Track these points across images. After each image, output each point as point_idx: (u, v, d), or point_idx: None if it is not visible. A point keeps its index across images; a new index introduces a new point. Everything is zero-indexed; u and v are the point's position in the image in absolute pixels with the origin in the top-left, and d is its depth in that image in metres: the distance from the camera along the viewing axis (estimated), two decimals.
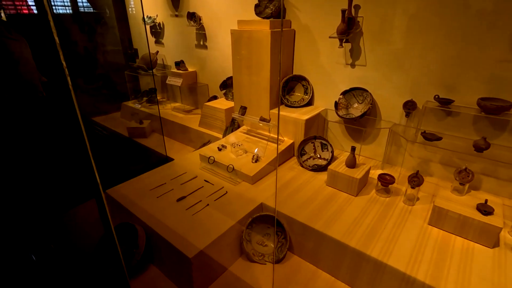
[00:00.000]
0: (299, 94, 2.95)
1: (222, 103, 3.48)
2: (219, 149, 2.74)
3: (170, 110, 4.28)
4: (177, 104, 4.51)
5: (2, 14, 3.99)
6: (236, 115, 2.85)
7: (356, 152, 2.70)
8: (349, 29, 2.34)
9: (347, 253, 1.74)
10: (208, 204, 2.12)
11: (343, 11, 2.26)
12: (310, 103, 2.93)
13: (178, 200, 2.18)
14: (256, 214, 2.05)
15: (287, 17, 2.83)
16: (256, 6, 2.89)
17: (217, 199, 2.19)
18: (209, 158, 2.58)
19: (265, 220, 2.08)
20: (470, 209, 1.77)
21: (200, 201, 2.16)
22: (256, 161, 2.50)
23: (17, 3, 4.12)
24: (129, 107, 4.51)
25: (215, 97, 3.88)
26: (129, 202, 2.16)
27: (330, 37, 2.44)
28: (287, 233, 1.97)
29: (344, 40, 2.40)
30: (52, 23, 0.53)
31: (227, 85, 3.62)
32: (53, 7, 4.18)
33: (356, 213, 1.99)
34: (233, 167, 2.41)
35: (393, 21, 2.24)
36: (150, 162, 3.25)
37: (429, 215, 1.94)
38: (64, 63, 0.57)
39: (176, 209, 2.07)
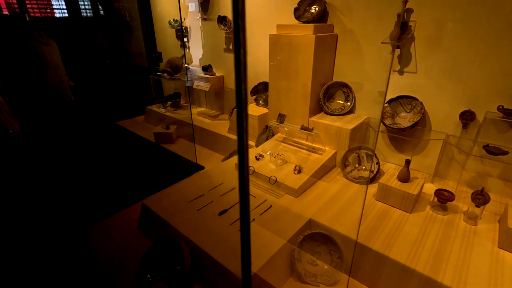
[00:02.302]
0: (339, 101, 2.82)
1: (254, 109, 3.37)
2: (257, 159, 2.62)
3: (195, 115, 4.19)
4: (201, 109, 4.42)
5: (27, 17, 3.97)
6: (273, 122, 2.73)
7: (396, 162, 2.58)
8: (401, 34, 2.20)
9: (413, 278, 1.59)
10: (253, 219, 2.00)
11: (399, 15, 2.12)
12: (351, 111, 2.79)
13: (220, 213, 2.06)
14: (307, 231, 1.92)
15: (329, 21, 2.71)
16: (296, 9, 2.78)
17: (262, 213, 2.07)
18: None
19: (315, 238, 1.95)
20: None
21: None
22: (298, 173, 2.38)
23: (41, 6, 4.10)
24: (154, 111, 4.44)
25: None
26: (169, 215, 2.05)
27: (382, 43, 2.30)
28: (342, 253, 1.84)
29: (395, 46, 2.27)
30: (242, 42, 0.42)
31: (258, 91, 3.51)
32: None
33: (415, 233, 1.84)
34: (276, 179, 2.29)
35: (450, 26, 2.10)
36: (181, 169, 3.16)
37: (497, 236, 1.79)
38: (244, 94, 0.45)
39: (219, 224, 1.96)
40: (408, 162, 2.07)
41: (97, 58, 4.47)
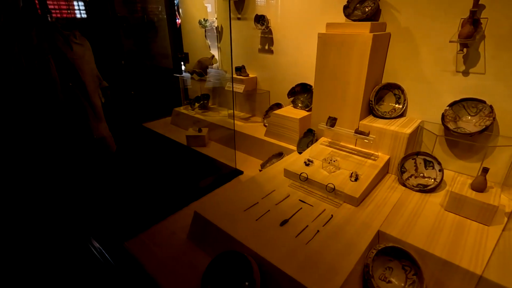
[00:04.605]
0: (390, 104, 2.67)
1: (293, 112, 3.23)
2: (306, 164, 2.48)
3: (226, 117, 4.06)
4: (231, 111, 4.28)
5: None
6: (323, 126, 2.59)
7: (455, 169, 2.43)
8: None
9: None
10: (318, 231, 1.86)
11: (473, 12, 1.98)
12: (402, 114, 2.64)
13: (282, 224, 1.92)
14: (380, 245, 1.78)
15: (381, 19, 2.57)
16: (345, 7, 2.64)
17: (324, 224, 1.93)
18: (300, 174, 2.32)
19: (386, 252, 1.80)
20: None
21: (307, 226, 1.90)
22: (355, 180, 2.23)
23: (63, 6, 4.00)
24: (182, 113, 4.32)
25: (278, 105, 3.64)
26: (227, 225, 1.91)
27: (450, 41, 2.16)
28: (420, 269, 1.68)
29: (464, 45, 2.12)
30: None
31: (295, 92, 3.38)
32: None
33: (501, 248, 1.69)
34: (334, 187, 2.15)
35: None
36: (221, 174, 3.03)
37: None
38: None
39: (284, 236, 1.82)
40: (485, 170, 1.92)
41: (121, 59, 4.36)
